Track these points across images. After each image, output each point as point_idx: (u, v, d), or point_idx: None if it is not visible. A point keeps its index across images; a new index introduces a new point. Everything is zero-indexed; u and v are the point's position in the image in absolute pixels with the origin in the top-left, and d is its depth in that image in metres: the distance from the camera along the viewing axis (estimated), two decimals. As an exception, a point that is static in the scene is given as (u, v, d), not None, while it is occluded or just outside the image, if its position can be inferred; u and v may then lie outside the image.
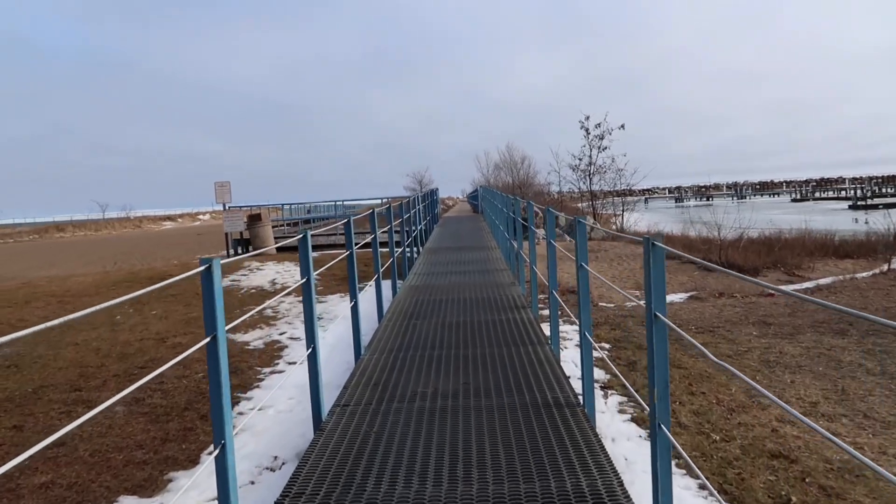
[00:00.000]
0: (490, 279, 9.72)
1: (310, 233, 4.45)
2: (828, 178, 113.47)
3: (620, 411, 5.29)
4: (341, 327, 8.26)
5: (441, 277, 10.01)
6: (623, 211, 26.60)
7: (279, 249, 19.24)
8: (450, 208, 44.20)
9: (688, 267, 14.86)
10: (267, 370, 6.97)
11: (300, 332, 8.31)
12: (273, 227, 22.00)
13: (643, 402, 3.59)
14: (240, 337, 8.23)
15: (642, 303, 2.83)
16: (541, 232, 22.12)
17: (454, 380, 4.92)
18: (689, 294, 11.57)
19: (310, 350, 4.42)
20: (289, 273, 13.67)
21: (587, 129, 28.05)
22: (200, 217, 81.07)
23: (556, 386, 4.64)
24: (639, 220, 26.69)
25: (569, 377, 4.92)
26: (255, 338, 8.24)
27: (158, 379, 6.35)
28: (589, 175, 28.24)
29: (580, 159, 28.58)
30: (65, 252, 30.30)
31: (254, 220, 18.56)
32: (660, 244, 2.63)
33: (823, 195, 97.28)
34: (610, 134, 27.60)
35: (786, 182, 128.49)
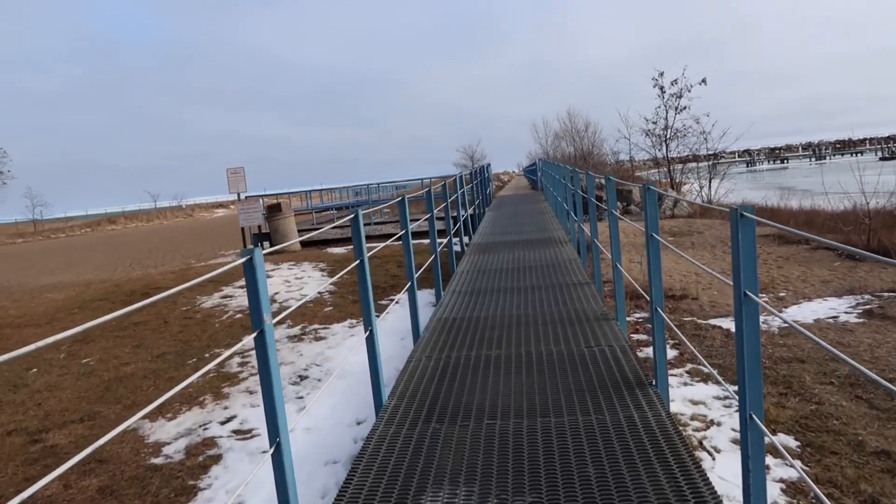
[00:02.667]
0: (566, 297, 6.51)
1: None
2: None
3: None
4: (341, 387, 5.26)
5: (487, 300, 6.84)
6: (710, 179, 22.67)
7: (304, 245, 16.42)
8: (505, 185, 40.70)
9: (823, 255, 11.22)
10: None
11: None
12: (304, 215, 19.22)
13: None
14: (158, 431, 5.25)
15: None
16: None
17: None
18: (852, 302, 8.03)
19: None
20: (301, 280, 10.76)
21: (662, 88, 24.18)
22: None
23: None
24: (730, 190, 22.74)
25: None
26: (183, 430, 5.25)
27: None
28: (665, 140, 24.39)
29: (654, 123, 24.74)
30: (92, 250, 28.45)
31: (273, 211, 15.75)
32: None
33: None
34: (689, 91, 23.66)
35: (868, 139, 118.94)
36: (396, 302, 8.33)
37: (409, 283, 5.71)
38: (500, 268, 8.21)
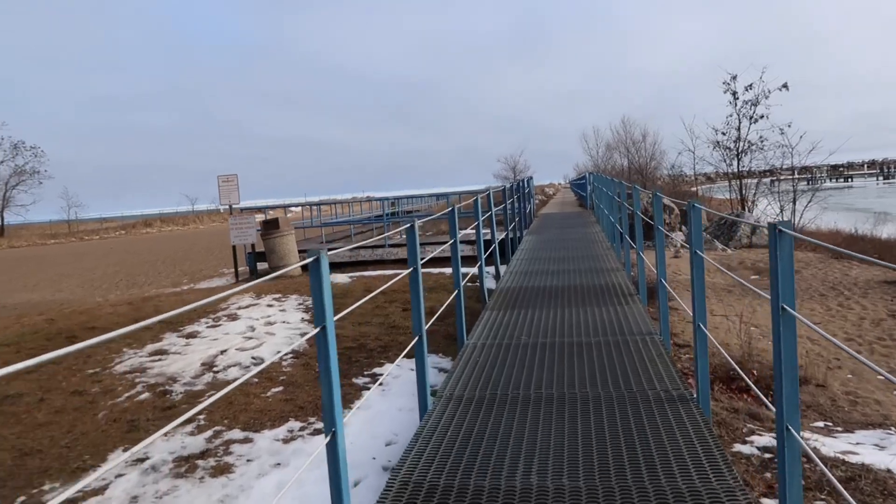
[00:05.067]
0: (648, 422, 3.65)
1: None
2: None
3: None
4: None
5: (503, 424, 4.06)
6: (795, 200, 19.31)
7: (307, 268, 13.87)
8: (549, 199, 37.66)
9: None
10: None
11: None
12: (314, 230, 16.75)
13: None
14: None
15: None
16: (677, 237, 15.15)
17: None
18: None
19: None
20: (272, 327, 8.15)
21: (734, 93, 20.96)
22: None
23: None
24: (816, 216, 19.35)
25: None
26: None
27: None
28: (737, 153, 21.12)
29: (724, 133, 21.50)
30: (100, 258, 26.59)
31: (269, 227, 13.25)
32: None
33: None
34: (766, 98, 20.39)
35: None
36: (380, 384, 5.63)
37: (416, 339, 3.23)
38: (531, 341, 5.39)
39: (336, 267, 13.25)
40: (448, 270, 12.68)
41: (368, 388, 5.67)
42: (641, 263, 6.89)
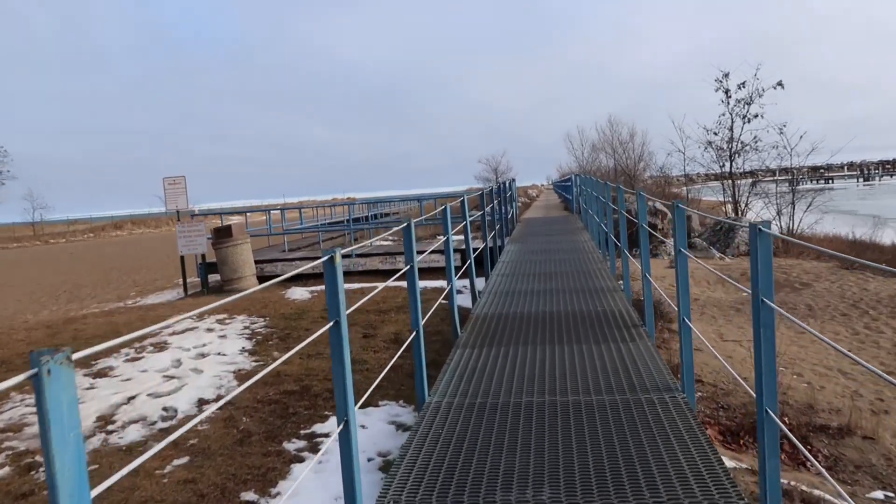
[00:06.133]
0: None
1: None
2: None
3: None
4: None
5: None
6: (794, 204, 18.18)
7: (264, 278, 12.46)
8: (532, 202, 36.39)
9: None
10: None
11: None
12: (276, 238, 15.34)
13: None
14: None
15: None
16: (671, 244, 14.01)
17: None
18: None
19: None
20: (204, 360, 6.78)
21: (727, 92, 19.84)
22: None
23: None
24: (818, 220, 18.24)
25: None
26: None
27: None
28: (730, 154, 20.00)
29: (715, 133, 20.38)
30: (52, 265, 24.96)
31: (221, 235, 11.84)
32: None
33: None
34: (760, 96, 19.30)
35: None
36: (319, 459, 4.29)
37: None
38: (514, 400, 4.09)
39: (296, 280, 11.88)
40: (426, 284, 11.36)
41: (302, 459, 4.33)
42: (648, 286, 5.61)
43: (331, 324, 2.89)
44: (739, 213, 19.90)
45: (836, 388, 6.26)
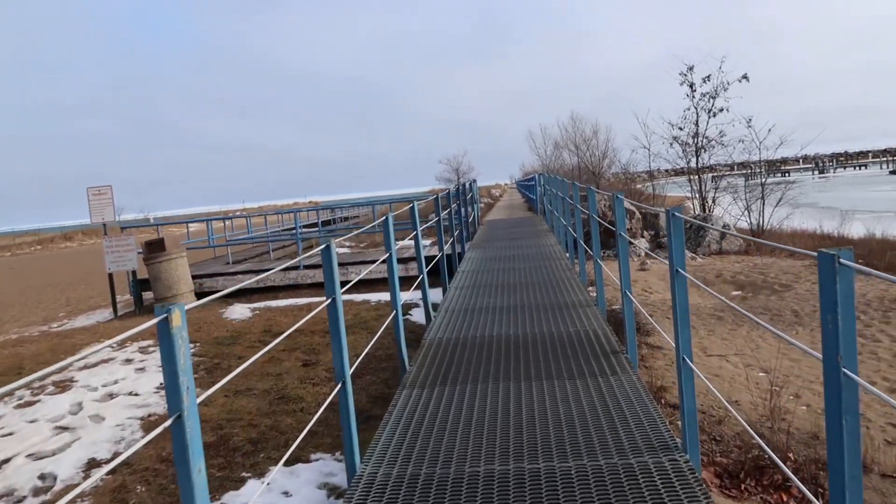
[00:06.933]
0: None
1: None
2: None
3: None
4: None
5: None
6: (763, 199, 17.65)
7: (202, 294, 11.38)
8: (496, 201, 35.58)
9: None
10: None
11: None
12: (223, 248, 14.24)
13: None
14: None
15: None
16: (641, 244, 13.36)
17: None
18: None
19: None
20: (104, 408, 5.74)
21: (692, 85, 19.28)
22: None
23: None
24: (790, 214, 17.75)
25: None
26: None
27: None
28: (696, 149, 19.45)
29: (681, 128, 19.81)
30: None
31: (153, 249, 10.72)
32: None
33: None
34: (725, 90, 18.78)
35: (870, 152, 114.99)
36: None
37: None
38: (474, 469, 3.21)
39: (239, 295, 10.81)
40: (377, 297, 10.43)
41: None
42: (629, 305, 4.77)
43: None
44: (707, 209, 19.38)
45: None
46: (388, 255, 4.64)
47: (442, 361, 4.82)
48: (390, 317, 4.88)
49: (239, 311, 9.82)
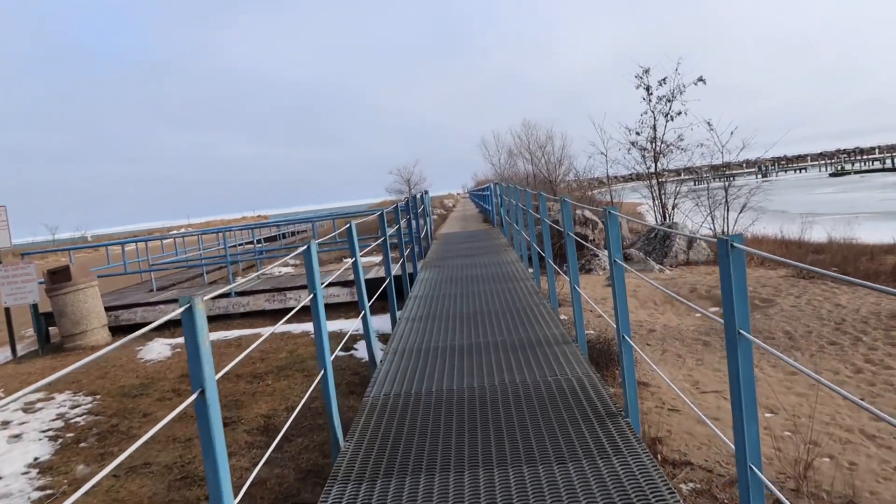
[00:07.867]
0: None
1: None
2: (862, 148, 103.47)
3: None
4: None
5: None
6: (727, 206, 17.04)
7: (118, 330, 9.97)
8: (450, 212, 34.50)
9: None
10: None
11: None
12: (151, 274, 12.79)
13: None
14: None
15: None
16: (605, 256, 12.48)
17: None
18: None
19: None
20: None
21: (648, 88, 18.63)
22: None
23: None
24: (755, 220, 17.19)
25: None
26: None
27: None
28: (654, 154, 18.79)
29: (638, 133, 19.13)
30: None
31: (57, 279, 9.28)
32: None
33: (864, 167, 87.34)
34: (682, 93, 18.20)
35: (809, 155, 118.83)
36: None
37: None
38: None
39: (162, 329, 9.44)
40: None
41: None
42: (629, 356, 3.73)
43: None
44: (667, 216, 18.73)
45: (869, 462, 4.57)
46: (311, 295, 3.49)
47: (388, 434, 3.68)
48: (343, 340, 3.76)
49: (157, 350, 8.48)
